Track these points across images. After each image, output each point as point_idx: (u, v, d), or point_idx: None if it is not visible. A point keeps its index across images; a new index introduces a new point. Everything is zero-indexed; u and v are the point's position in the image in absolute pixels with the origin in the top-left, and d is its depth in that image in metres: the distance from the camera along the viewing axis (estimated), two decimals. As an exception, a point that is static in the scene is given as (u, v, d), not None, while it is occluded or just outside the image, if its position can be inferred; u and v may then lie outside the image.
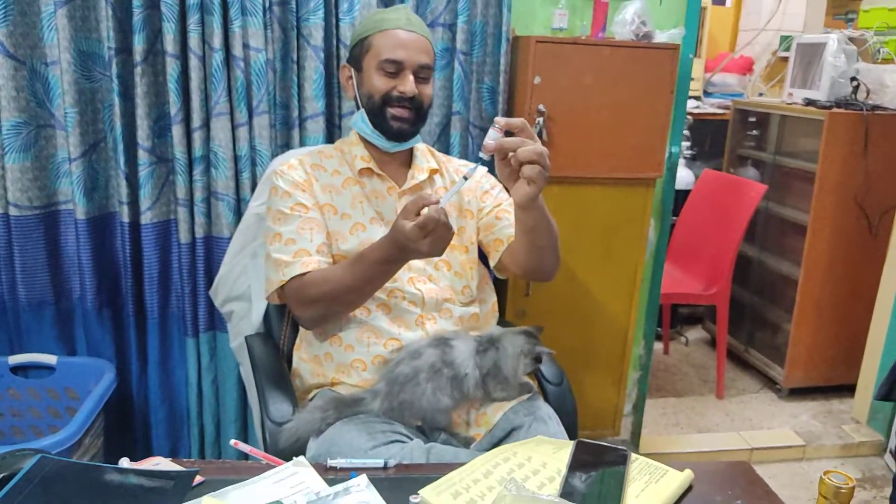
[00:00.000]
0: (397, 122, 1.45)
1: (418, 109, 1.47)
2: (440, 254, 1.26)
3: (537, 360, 1.37)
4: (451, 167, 1.63)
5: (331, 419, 1.29)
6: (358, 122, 1.51)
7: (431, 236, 1.21)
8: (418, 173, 1.54)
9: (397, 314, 1.43)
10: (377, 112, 1.46)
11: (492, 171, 1.39)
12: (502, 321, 1.66)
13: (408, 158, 1.57)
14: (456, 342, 1.35)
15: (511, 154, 1.23)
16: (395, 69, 1.43)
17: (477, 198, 1.59)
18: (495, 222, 1.56)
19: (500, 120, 1.23)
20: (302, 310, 1.43)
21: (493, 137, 1.23)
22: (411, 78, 1.43)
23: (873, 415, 2.74)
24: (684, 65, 2.12)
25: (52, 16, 1.70)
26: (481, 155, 1.25)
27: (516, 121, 1.23)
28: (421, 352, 1.32)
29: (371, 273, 1.34)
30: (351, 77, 1.52)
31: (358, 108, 1.52)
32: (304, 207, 1.45)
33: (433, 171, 1.57)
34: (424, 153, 1.60)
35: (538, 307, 2.14)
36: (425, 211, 1.20)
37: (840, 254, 2.88)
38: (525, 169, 1.23)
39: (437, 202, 1.20)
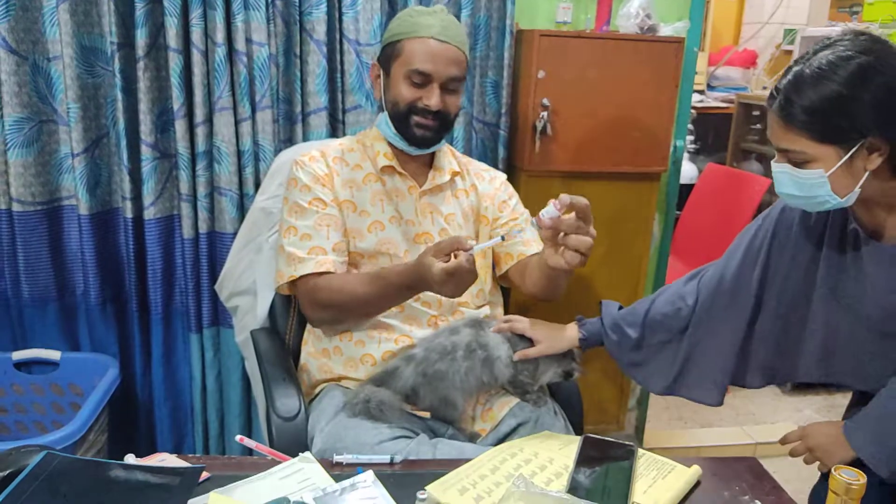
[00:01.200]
0: (421, 129, 1.43)
1: (444, 120, 1.44)
2: (459, 296, 1.25)
3: (567, 375, 1.41)
4: (472, 169, 1.62)
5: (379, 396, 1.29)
6: (382, 125, 1.50)
7: (456, 280, 1.20)
8: (439, 175, 1.53)
9: (410, 313, 1.43)
10: (401, 119, 1.44)
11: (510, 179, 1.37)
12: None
13: (430, 158, 1.55)
14: (489, 327, 1.39)
15: (562, 234, 1.19)
16: (422, 80, 1.40)
17: (494, 206, 1.59)
18: (515, 247, 1.57)
19: (565, 198, 1.15)
20: (312, 310, 1.44)
21: (551, 215, 1.17)
22: (437, 91, 1.40)
23: (877, 409, 2.73)
24: (689, 58, 2.11)
25: (53, 11, 1.69)
26: (533, 225, 1.22)
27: (580, 201, 1.16)
28: (458, 329, 1.36)
29: (387, 294, 1.35)
30: (379, 77, 1.49)
31: (382, 109, 1.50)
32: (323, 203, 1.44)
33: (455, 174, 1.56)
34: (446, 154, 1.58)
35: (542, 302, 2.13)
36: (455, 257, 1.19)
37: (844, 248, 2.87)
38: (569, 255, 1.19)
39: (470, 249, 1.19)
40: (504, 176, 1.66)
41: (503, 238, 1.26)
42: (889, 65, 1.00)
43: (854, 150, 1.02)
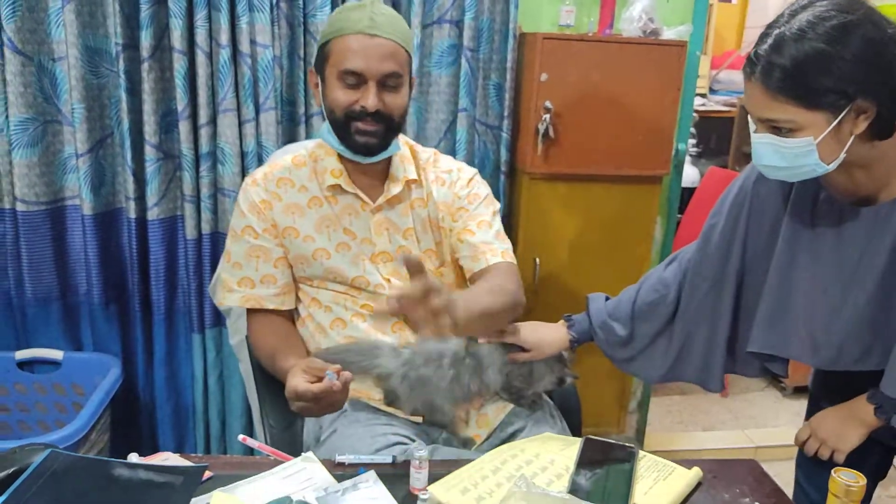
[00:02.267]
0: (363, 136, 1.30)
1: (387, 123, 1.31)
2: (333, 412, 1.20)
3: (561, 382, 1.38)
4: (436, 171, 1.46)
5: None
6: (325, 134, 1.37)
7: (325, 401, 1.11)
8: (394, 186, 1.39)
9: (374, 321, 1.38)
10: (341, 127, 1.31)
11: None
12: None
13: (385, 167, 1.41)
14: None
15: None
16: (355, 80, 1.27)
17: (450, 214, 1.44)
18: (458, 246, 1.43)
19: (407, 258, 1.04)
20: (251, 342, 1.44)
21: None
22: (374, 90, 1.27)
23: (878, 413, 2.73)
24: (691, 62, 2.12)
25: (59, 12, 1.70)
26: None
27: (411, 259, 1.03)
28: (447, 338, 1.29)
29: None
30: (318, 84, 1.36)
31: (324, 119, 1.37)
32: (254, 233, 1.36)
33: (410, 182, 1.42)
34: (404, 160, 1.43)
35: (544, 304, 2.14)
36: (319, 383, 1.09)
37: (846, 252, 2.87)
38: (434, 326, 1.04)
39: (336, 371, 1.09)
40: (471, 173, 1.48)
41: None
42: (871, 21, 0.98)
43: (843, 114, 1.00)
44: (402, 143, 1.44)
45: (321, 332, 1.38)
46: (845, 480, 0.83)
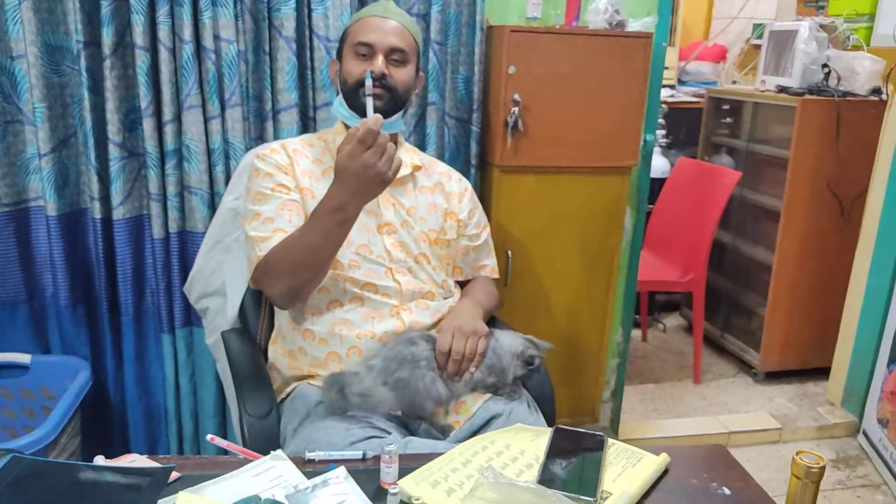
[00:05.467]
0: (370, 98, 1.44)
1: (392, 91, 1.45)
2: (388, 177, 1.23)
3: (529, 363, 1.40)
4: (437, 169, 1.64)
5: (340, 402, 1.27)
6: (337, 107, 1.52)
7: (377, 152, 1.19)
8: (402, 167, 1.50)
9: (372, 306, 1.42)
10: (352, 94, 1.46)
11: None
12: None
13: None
14: None
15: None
16: (367, 52, 1.44)
17: (464, 210, 1.61)
18: (466, 251, 1.63)
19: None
20: (272, 286, 1.40)
21: None
22: (381, 58, 1.43)
23: (847, 397, 2.79)
24: (658, 53, 2.14)
25: (16, 8, 1.67)
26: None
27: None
28: (416, 341, 1.35)
29: (326, 225, 1.28)
30: (338, 71, 1.52)
31: (337, 93, 1.53)
32: (286, 188, 1.44)
33: (416, 168, 1.57)
34: (408, 150, 1.60)
35: (516, 296, 2.15)
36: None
37: (813, 239, 2.92)
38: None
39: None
40: (469, 184, 1.68)
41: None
42: None
43: None
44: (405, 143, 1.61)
45: (317, 313, 1.42)
46: (806, 462, 0.84)
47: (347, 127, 1.52)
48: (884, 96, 2.78)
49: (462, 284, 1.65)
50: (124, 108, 1.78)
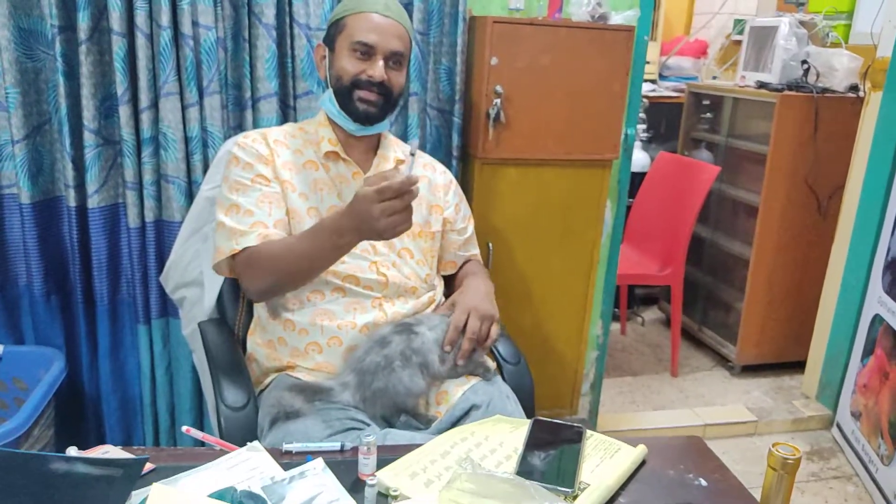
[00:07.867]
0: (364, 104, 1.42)
1: (387, 95, 1.43)
2: (393, 235, 1.19)
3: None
4: (422, 161, 1.63)
5: (297, 405, 1.27)
6: (326, 102, 1.49)
7: (389, 209, 1.14)
8: (384, 162, 1.52)
9: (353, 297, 1.42)
10: (345, 94, 1.43)
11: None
12: None
13: (375, 144, 1.54)
14: (419, 328, 1.36)
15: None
16: (366, 52, 1.41)
17: (449, 202, 1.61)
18: (457, 245, 1.64)
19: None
20: (252, 280, 1.38)
21: None
22: (381, 63, 1.40)
23: (822, 390, 2.82)
24: (639, 47, 2.14)
25: (-12, -9, 1.63)
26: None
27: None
28: (388, 340, 1.33)
29: (324, 241, 1.27)
30: (325, 57, 1.48)
31: (327, 88, 1.49)
32: (265, 180, 1.42)
33: (399, 162, 1.55)
34: (392, 143, 1.58)
35: (496, 288, 2.14)
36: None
37: (790, 234, 2.95)
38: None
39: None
40: (452, 176, 1.68)
41: (412, 154, 1.21)
42: None
43: None
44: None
45: (298, 304, 1.41)
46: (783, 454, 0.85)
47: (332, 122, 1.50)
48: (861, 93, 2.81)
49: (447, 279, 1.65)
50: (100, 94, 1.75)
